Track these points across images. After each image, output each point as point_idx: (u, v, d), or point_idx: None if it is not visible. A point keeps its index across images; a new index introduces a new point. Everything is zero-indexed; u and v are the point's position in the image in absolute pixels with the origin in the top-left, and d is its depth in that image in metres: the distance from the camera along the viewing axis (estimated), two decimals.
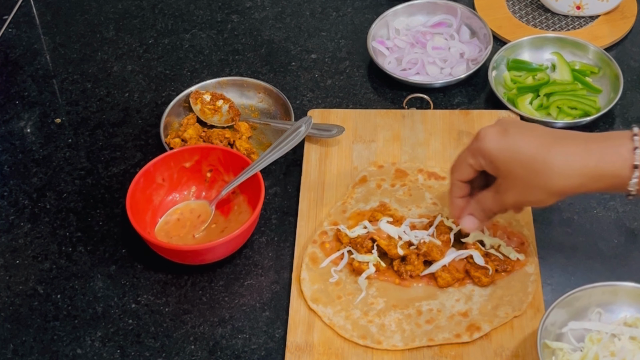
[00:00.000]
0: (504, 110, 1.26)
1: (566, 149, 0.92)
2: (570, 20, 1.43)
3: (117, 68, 1.40)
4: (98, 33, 1.46)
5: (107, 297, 1.09)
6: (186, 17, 1.49)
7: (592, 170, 0.91)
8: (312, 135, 1.22)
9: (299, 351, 1.01)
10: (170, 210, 1.15)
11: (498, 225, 1.10)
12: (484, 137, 0.96)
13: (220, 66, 1.39)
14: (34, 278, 1.11)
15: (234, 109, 1.28)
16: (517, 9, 1.45)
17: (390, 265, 1.08)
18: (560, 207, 1.15)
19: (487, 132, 0.96)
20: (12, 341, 1.05)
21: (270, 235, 1.14)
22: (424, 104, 1.30)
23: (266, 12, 1.48)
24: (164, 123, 1.25)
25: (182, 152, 1.16)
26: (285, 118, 1.26)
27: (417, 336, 1.01)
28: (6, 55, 1.43)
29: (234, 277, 1.10)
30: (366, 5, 1.49)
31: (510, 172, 0.95)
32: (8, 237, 1.16)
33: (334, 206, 1.15)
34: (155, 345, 1.04)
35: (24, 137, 1.30)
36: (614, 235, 1.12)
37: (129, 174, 1.22)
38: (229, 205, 1.16)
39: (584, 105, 1.25)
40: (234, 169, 1.15)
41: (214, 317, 1.06)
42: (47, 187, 1.22)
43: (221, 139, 1.22)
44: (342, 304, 1.05)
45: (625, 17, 1.41)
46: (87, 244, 1.15)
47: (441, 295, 1.05)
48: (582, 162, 0.91)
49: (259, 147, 1.24)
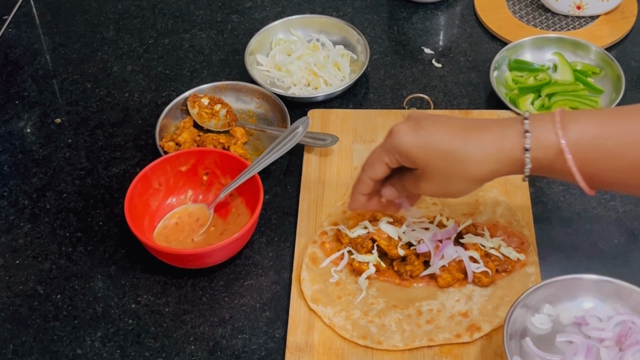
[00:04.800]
0: (505, 110, 1.26)
1: (481, 137, 0.92)
2: (570, 20, 1.43)
3: (117, 68, 1.40)
4: (98, 33, 1.46)
5: (107, 297, 1.09)
6: (186, 17, 1.49)
7: (506, 155, 0.91)
8: (305, 144, 1.22)
9: (299, 351, 1.01)
10: (168, 215, 1.15)
11: (498, 225, 1.10)
12: (398, 134, 0.95)
13: (220, 66, 1.39)
14: (34, 278, 1.11)
15: (232, 114, 1.28)
16: (517, 9, 1.45)
17: (391, 266, 1.08)
18: (560, 207, 1.15)
19: (400, 128, 0.95)
20: (12, 341, 1.05)
21: (270, 236, 1.14)
22: (424, 104, 1.30)
23: (266, 12, 1.48)
24: (160, 126, 1.24)
25: (178, 156, 1.15)
26: (282, 124, 1.25)
27: (418, 336, 1.01)
28: (6, 55, 1.43)
29: (234, 277, 1.10)
30: (366, 5, 1.49)
31: (428, 165, 0.94)
32: (8, 237, 1.16)
33: (334, 206, 1.15)
34: (155, 346, 1.04)
35: (24, 137, 1.30)
36: (614, 235, 1.12)
37: (129, 174, 1.22)
38: (227, 207, 1.15)
39: (586, 105, 1.25)
40: (231, 172, 1.15)
41: (214, 317, 1.06)
42: (47, 187, 1.22)
43: (215, 143, 1.22)
44: (342, 304, 1.05)
45: (626, 17, 1.41)
46: (87, 244, 1.15)
47: (441, 295, 1.05)
48: (496, 147, 0.91)
49: (254, 152, 1.24)
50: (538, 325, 0.96)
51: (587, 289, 0.98)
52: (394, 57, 1.39)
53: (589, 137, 0.89)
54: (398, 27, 1.45)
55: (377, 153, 0.98)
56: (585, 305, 0.97)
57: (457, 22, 1.45)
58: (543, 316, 0.97)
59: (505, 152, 0.91)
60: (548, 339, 0.95)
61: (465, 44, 1.41)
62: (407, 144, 0.94)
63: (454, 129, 0.93)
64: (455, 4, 1.48)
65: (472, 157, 0.92)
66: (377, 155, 0.98)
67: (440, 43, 1.42)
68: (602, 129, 0.89)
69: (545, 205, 1.15)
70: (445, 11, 1.47)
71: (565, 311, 0.97)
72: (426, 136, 0.94)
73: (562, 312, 0.97)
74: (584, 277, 0.98)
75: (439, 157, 0.93)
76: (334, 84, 1.32)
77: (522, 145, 0.90)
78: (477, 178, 0.94)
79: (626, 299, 0.96)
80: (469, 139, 0.92)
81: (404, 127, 0.95)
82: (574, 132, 0.89)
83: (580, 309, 0.97)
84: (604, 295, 0.97)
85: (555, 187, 1.18)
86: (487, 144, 0.92)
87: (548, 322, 0.96)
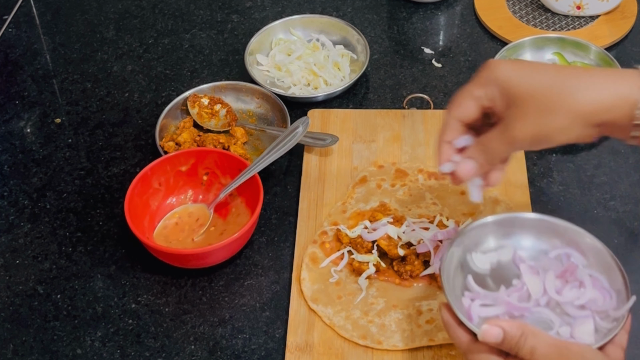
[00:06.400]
0: None
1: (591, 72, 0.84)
2: (570, 20, 1.43)
3: (117, 68, 1.40)
4: (98, 33, 1.46)
5: (107, 297, 1.09)
6: (186, 17, 1.49)
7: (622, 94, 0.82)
8: (305, 144, 1.22)
9: (299, 351, 1.01)
10: (168, 215, 1.15)
11: None
12: (497, 65, 0.86)
13: (220, 66, 1.39)
14: (34, 278, 1.11)
15: (232, 114, 1.28)
16: (517, 9, 1.45)
17: (391, 266, 1.08)
18: (560, 207, 1.15)
19: (499, 61, 0.87)
20: (12, 341, 1.05)
21: (270, 235, 1.14)
22: (424, 104, 1.30)
23: (266, 12, 1.48)
24: (160, 126, 1.24)
25: (178, 156, 1.15)
26: (282, 124, 1.25)
27: (417, 336, 1.01)
28: (6, 55, 1.43)
29: (234, 277, 1.10)
30: (366, 5, 1.49)
31: (531, 96, 0.83)
32: (8, 237, 1.16)
33: (334, 206, 1.15)
34: (155, 345, 1.04)
35: (24, 137, 1.30)
36: (614, 235, 1.12)
37: (129, 174, 1.22)
38: (227, 207, 1.15)
39: None
40: (231, 172, 1.15)
41: (214, 317, 1.06)
42: (47, 187, 1.22)
43: (215, 143, 1.22)
44: (342, 304, 1.05)
45: (626, 17, 1.41)
46: (87, 244, 1.15)
47: (441, 295, 1.05)
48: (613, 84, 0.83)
49: (254, 152, 1.24)
50: (479, 264, 0.94)
51: (522, 226, 0.96)
52: (394, 57, 1.39)
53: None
54: (398, 27, 1.45)
55: (468, 89, 0.89)
56: (521, 243, 0.95)
57: (457, 22, 1.45)
58: (481, 255, 0.94)
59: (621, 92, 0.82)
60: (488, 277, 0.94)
61: (465, 44, 1.41)
62: (509, 74, 0.85)
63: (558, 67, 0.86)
64: (455, 4, 1.48)
65: (581, 85, 0.83)
66: (467, 91, 0.89)
67: (440, 43, 1.42)
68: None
69: (545, 205, 1.15)
70: (445, 11, 1.47)
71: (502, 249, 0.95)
72: (530, 69, 0.85)
73: (499, 249, 0.95)
74: (519, 215, 0.96)
75: (544, 87, 0.83)
76: (334, 84, 1.32)
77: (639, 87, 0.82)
78: (584, 112, 0.83)
79: (562, 235, 0.95)
80: (579, 74, 0.84)
81: (503, 61, 0.87)
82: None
83: (519, 246, 0.95)
84: (539, 233, 0.96)
85: (555, 187, 1.18)
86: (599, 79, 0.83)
87: (487, 261, 0.94)
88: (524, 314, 0.89)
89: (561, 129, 0.84)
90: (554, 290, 0.90)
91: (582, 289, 0.90)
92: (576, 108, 0.83)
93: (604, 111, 0.83)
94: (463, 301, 0.90)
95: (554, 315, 0.89)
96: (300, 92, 1.32)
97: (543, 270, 0.92)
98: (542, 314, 0.89)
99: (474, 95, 0.88)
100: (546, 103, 0.83)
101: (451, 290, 0.89)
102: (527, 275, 0.92)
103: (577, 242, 0.94)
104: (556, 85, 0.83)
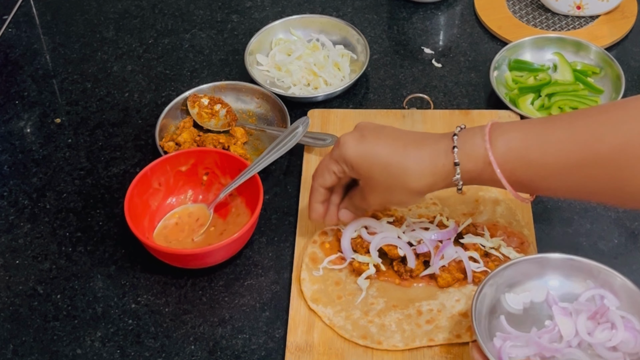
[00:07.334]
0: (505, 110, 1.26)
1: (418, 152, 0.96)
2: (570, 20, 1.43)
3: (117, 68, 1.40)
4: (98, 33, 1.46)
5: (107, 297, 1.09)
6: (186, 17, 1.49)
7: (441, 169, 0.95)
8: (305, 144, 1.22)
9: (299, 351, 1.01)
10: (168, 215, 1.15)
11: (498, 225, 1.10)
12: (344, 144, 0.99)
13: (220, 66, 1.39)
14: (34, 278, 1.11)
15: (232, 114, 1.28)
16: (517, 9, 1.45)
17: (391, 266, 1.08)
18: (560, 207, 1.15)
19: (347, 139, 0.99)
20: (12, 341, 1.05)
21: (270, 236, 1.14)
22: (424, 104, 1.30)
23: (266, 12, 1.48)
24: (160, 126, 1.24)
25: (178, 156, 1.15)
26: (282, 124, 1.25)
27: (418, 336, 1.01)
28: (6, 55, 1.43)
29: (234, 277, 1.10)
30: (366, 5, 1.49)
31: (370, 176, 0.99)
32: (8, 237, 1.16)
33: None
34: (155, 346, 1.04)
35: (24, 137, 1.30)
36: (614, 235, 1.12)
37: (129, 174, 1.22)
38: (227, 207, 1.15)
39: (586, 105, 1.25)
40: (231, 172, 1.15)
41: (214, 317, 1.06)
42: (47, 187, 1.22)
43: (215, 143, 1.22)
44: (342, 304, 1.05)
45: (626, 17, 1.41)
46: (87, 244, 1.15)
47: (441, 295, 1.05)
48: (432, 162, 0.96)
49: (254, 152, 1.24)
50: (512, 304, 0.97)
51: (554, 267, 0.98)
52: (394, 57, 1.39)
53: (515, 148, 0.92)
54: (398, 27, 1.45)
55: (326, 162, 1.02)
56: (551, 284, 0.98)
57: (457, 22, 1.45)
58: (514, 295, 0.97)
59: (439, 166, 0.96)
60: (520, 318, 0.96)
61: (465, 44, 1.41)
62: (352, 154, 0.98)
63: (395, 142, 0.98)
64: (455, 4, 1.48)
65: (410, 171, 0.96)
66: (325, 164, 1.03)
67: (440, 43, 1.42)
68: (527, 138, 0.92)
69: (545, 205, 1.15)
70: (445, 11, 1.47)
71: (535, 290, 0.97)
72: (369, 148, 0.98)
73: (532, 290, 0.97)
74: (551, 256, 0.98)
75: (380, 169, 0.97)
76: (334, 84, 1.32)
77: (452, 160, 0.95)
78: (416, 191, 0.98)
79: (595, 276, 0.96)
80: (407, 153, 0.97)
81: (350, 137, 0.99)
82: (502, 144, 0.93)
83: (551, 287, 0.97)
84: (570, 273, 0.97)
85: None
86: (423, 159, 0.96)
87: (520, 302, 0.97)
88: (555, 355, 0.91)
89: (402, 201, 1.02)
90: (586, 332, 0.93)
91: (613, 330, 0.92)
92: (408, 187, 0.97)
93: (430, 186, 0.97)
94: (495, 342, 0.92)
95: (586, 357, 0.91)
96: (300, 92, 1.32)
97: (575, 311, 0.94)
98: (574, 355, 0.91)
99: (330, 170, 1.02)
100: (385, 184, 0.98)
101: (482, 330, 0.92)
102: (559, 316, 0.94)
103: (610, 283, 0.95)
104: (389, 169, 0.97)
